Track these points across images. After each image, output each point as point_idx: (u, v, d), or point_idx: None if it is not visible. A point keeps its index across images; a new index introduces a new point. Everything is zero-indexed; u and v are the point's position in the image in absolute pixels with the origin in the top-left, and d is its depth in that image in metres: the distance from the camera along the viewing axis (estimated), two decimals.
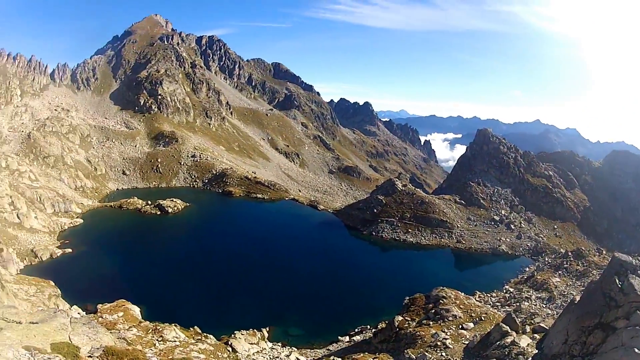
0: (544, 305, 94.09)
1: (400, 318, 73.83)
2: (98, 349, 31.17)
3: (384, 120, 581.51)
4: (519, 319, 62.52)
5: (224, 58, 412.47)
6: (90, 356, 29.84)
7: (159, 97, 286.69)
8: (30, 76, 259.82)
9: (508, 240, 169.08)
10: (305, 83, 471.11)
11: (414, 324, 70.68)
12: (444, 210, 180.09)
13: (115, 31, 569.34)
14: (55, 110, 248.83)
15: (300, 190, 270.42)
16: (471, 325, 64.68)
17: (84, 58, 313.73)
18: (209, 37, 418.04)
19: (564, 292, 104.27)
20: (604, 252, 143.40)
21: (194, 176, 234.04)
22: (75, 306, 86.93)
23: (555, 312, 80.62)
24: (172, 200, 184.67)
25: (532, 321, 69.50)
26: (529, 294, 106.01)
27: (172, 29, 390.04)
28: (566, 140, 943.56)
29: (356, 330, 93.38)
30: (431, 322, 68.40)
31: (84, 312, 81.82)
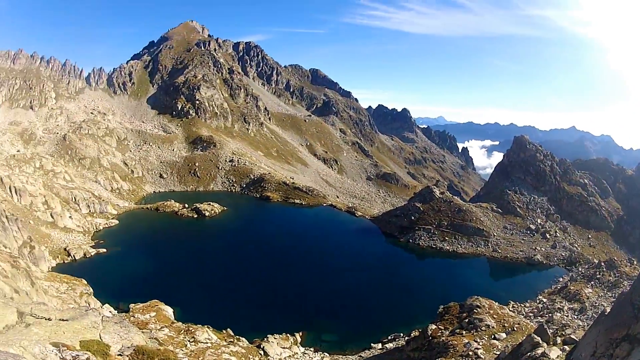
0: (576, 317, 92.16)
1: (433, 327, 73.48)
2: (129, 347, 30.32)
3: (422, 127, 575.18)
4: (551, 330, 61.83)
5: (261, 64, 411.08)
6: (120, 354, 28.83)
7: (197, 102, 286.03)
8: (65, 80, 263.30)
9: (543, 249, 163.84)
10: (343, 89, 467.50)
11: (447, 333, 69.99)
12: (481, 219, 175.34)
13: (151, 37, 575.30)
14: (91, 113, 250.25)
15: (338, 196, 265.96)
16: (503, 335, 63.92)
17: (120, 63, 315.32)
18: (246, 43, 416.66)
19: (596, 303, 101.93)
20: (635, 262, 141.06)
21: (232, 181, 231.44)
22: (107, 305, 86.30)
23: (586, 324, 79.33)
24: (210, 204, 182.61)
25: (563, 332, 68.34)
26: (562, 304, 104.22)
27: (209, 35, 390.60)
28: (601, 148, 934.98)
29: (389, 337, 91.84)
30: (464, 332, 67.60)
31: (116, 311, 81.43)
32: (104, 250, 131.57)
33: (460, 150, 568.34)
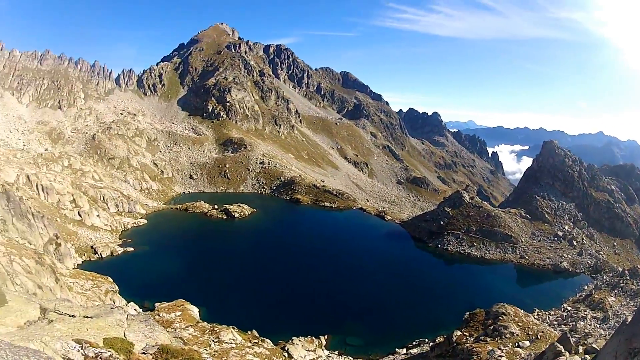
0: (598, 325, 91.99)
1: (458, 333, 73.06)
2: (153, 346, 29.81)
3: (452, 131, 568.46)
4: (574, 339, 60.99)
5: (292, 67, 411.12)
6: (144, 353, 28.08)
7: (228, 104, 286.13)
8: (94, 80, 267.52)
9: (570, 256, 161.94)
10: (374, 92, 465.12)
11: (472, 339, 69.40)
12: (510, 225, 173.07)
13: (178, 39, 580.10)
14: (120, 114, 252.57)
15: (368, 200, 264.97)
16: (527, 343, 62.94)
17: (150, 65, 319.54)
18: (276, 45, 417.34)
19: (618, 312, 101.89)
20: None
21: (262, 183, 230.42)
22: (132, 303, 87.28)
23: (607, 333, 79.79)
24: (239, 206, 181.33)
25: (585, 341, 67.85)
26: (585, 313, 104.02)
27: (239, 38, 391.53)
28: (628, 153, 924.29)
29: (414, 343, 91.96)
30: (489, 339, 66.73)
31: (141, 310, 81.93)
32: (132, 249, 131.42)
33: (490, 155, 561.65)
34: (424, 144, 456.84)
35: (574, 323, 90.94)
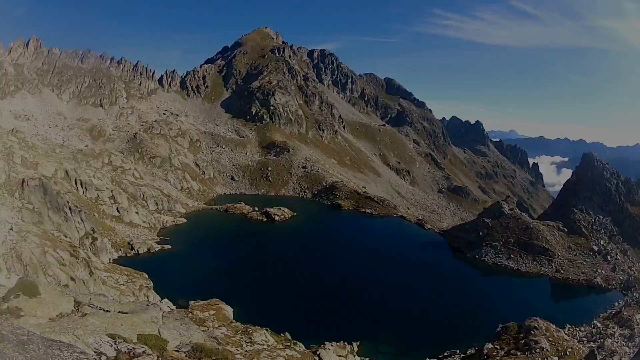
0: (624, 343, 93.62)
1: (490, 346, 75.85)
2: (187, 344, 30.89)
3: (494, 140, 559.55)
4: (600, 357, 64.69)
5: (336, 72, 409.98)
6: (177, 351, 29.14)
7: (271, 107, 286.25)
8: (136, 80, 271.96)
9: (603, 272, 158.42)
10: (418, 99, 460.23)
11: (502, 353, 72.43)
12: (547, 238, 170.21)
13: (224, 42, 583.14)
14: (163, 114, 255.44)
15: (408, 208, 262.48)
16: (556, 359, 66.20)
17: (193, 66, 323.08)
18: (320, 50, 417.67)
19: None
20: None
21: (304, 187, 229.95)
22: (166, 299, 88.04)
23: (632, 351, 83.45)
24: (280, 209, 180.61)
25: (611, 359, 72.93)
26: (614, 330, 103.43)
27: (283, 42, 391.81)
28: None
29: (445, 354, 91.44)
30: (519, 353, 70.19)
31: (174, 307, 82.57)
32: (169, 246, 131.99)
33: (530, 166, 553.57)
34: (465, 152, 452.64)
35: (602, 340, 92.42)
